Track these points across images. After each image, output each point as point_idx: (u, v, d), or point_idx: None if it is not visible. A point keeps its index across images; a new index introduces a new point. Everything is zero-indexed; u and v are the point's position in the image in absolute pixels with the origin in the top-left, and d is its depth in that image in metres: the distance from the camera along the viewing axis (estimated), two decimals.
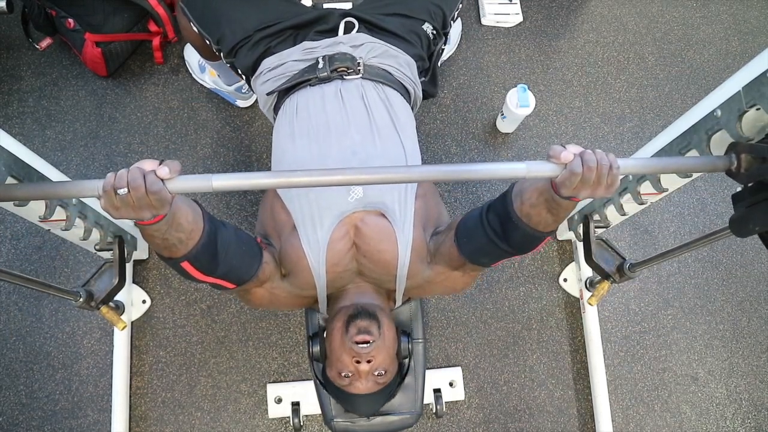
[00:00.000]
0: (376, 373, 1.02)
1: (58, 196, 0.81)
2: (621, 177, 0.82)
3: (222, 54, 1.24)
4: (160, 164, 0.72)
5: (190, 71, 1.78)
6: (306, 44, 1.17)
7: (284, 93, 1.17)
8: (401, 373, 1.14)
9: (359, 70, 1.12)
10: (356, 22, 1.18)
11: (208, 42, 1.24)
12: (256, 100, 1.78)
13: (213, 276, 0.92)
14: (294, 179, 0.75)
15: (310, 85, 1.13)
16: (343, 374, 1.03)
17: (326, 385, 1.12)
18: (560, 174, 0.74)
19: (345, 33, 1.18)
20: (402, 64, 1.19)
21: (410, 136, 1.13)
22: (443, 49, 1.38)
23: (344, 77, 1.12)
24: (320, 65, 1.12)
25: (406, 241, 1.02)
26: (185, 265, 0.87)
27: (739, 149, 0.81)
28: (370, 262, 1.05)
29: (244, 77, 1.27)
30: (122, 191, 0.70)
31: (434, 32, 1.25)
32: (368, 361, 1.00)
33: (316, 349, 1.11)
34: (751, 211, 0.85)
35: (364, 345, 0.98)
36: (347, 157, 1.04)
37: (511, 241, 0.90)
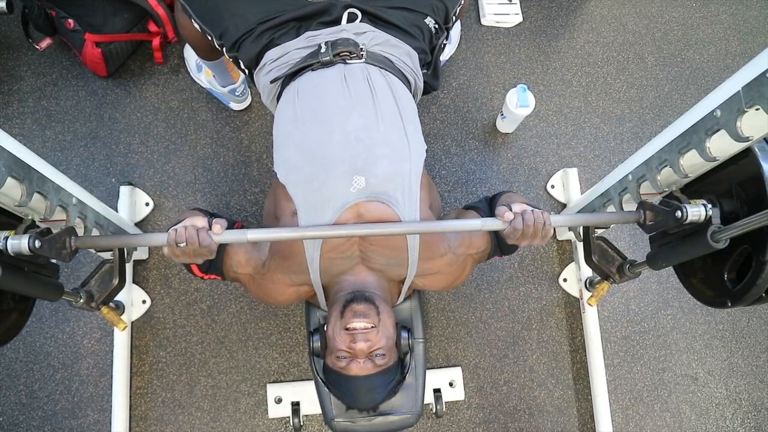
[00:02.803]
0: (374, 353, 1.04)
1: (133, 245, 1.20)
2: (554, 227, 1.03)
3: (225, 49, 1.23)
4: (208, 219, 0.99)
5: (188, 69, 1.78)
6: (309, 33, 1.17)
7: (287, 81, 1.17)
8: (402, 372, 1.14)
9: (362, 55, 1.12)
10: (359, 14, 1.18)
11: (210, 38, 1.23)
12: (251, 103, 1.79)
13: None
14: (308, 233, 1.00)
15: (312, 69, 1.13)
16: (340, 356, 1.04)
17: (326, 378, 1.12)
18: (506, 229, 0.99)
19: (348, 23, 1.18)
20: (403, 54, 1.20)
21: (412, 122, 1.13)
22: (445, 44, 1.39)
23: (347, 61, 1.12)
24: (323, 50, 1.12)
25: None
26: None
27: (645, 207, 1.06)
28: (381, 247, 1.07)
29: (246, 71, 1.27)
30: (182, 245, 0.95)
31: (436, 26, 1.26)
32: (365, 341, 1.02)
33: (317, 344, 1.11)
34: (660, 250, 1.12)
35: (360, 325, 1.02)
36: (351, 143, 1.03)
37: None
